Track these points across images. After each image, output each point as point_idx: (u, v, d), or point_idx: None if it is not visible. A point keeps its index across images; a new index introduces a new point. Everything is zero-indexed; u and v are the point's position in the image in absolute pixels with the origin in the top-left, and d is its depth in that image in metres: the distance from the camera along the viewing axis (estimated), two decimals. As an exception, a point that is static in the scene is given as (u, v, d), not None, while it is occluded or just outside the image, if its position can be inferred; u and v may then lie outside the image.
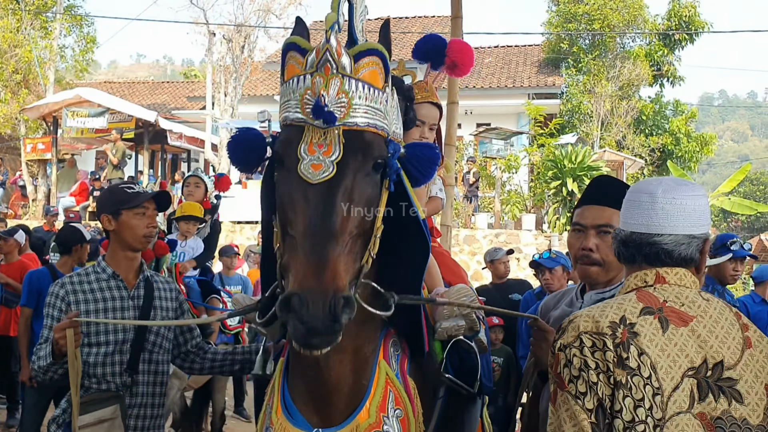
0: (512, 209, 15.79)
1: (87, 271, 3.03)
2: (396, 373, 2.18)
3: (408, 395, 2.18)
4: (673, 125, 22.58)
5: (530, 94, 21.96)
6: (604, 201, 2.38)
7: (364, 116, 1.83)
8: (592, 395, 1.61)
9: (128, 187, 3.07)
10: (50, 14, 22.05)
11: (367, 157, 1.85)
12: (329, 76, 1.81)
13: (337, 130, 1.80)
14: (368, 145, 1.85)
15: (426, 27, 26.75)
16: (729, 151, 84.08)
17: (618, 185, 2.46)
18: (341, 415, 2.08)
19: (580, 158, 14.69)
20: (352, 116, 1.82)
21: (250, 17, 22.05)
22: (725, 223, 37.62)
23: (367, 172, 1.85)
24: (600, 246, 2.34)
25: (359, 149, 1.83)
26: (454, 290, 2.49)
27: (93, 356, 2.84)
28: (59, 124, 18.25)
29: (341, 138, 1.80)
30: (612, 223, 2.32)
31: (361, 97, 1.83)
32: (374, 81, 1.86)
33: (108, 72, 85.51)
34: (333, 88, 1.80)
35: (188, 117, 23.53)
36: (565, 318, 2.34)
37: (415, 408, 2.19)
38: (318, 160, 1.78)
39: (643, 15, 23.02)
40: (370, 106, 1.85)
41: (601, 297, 2.35)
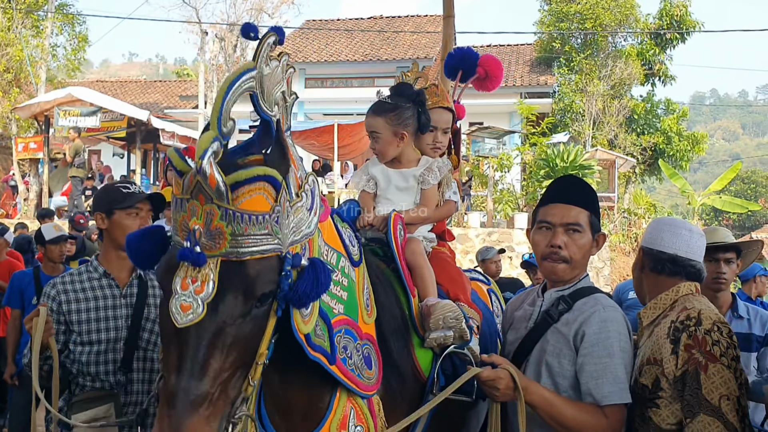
0: (504, 208, 15.82)
1: (80, 271, 3.03)
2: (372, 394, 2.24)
3: (371, 411, 2.24)
4: (665, 124, 22.68)
5: (522, 93, 22.00)
6: (571, 200, 2.42)
7: (245, 246, 1.63)
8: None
9: (124, 187, 3.05)
10: (42, 13, 21.95)
11: (248, 294, 1.66)
12: (203, 205, 1.61)
13: (213, 263, 1.62)
14: (251, 278, 1.65)
15: (418, 26, 26.78)
16: (720, 150, 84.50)
17: (583, 185, 2.53)
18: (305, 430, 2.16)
19: (572, 157, 14.75)
20: (231, 247, 1.62)
21: (242, 16, 22.07)
22: (716, 221, 37.77)
23: (249, 309, 1.67)
24: (568, 243, 2.38)
25: (238, 285, 1.64)
26: (440, 306, 2.51)
27: (86, 355, 2.85)
28: (51, 123, 18.17)
29: (216, 273, 1.61)
30: (579, 221, 2.39)
31: (241, 227, 1.62)
32: (258, 207, 1.65)
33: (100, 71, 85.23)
34: (208, 218, 1.61)
35: (181, 116, 23.50)
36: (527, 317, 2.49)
37: (377, 422, 2.24)
38: (188, 299, 1.61)
39: (635, 14, 23.13)
40: (252, 235, 1.64)
41: (560, 294, 2.42)
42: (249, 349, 1.71)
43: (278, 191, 1.69)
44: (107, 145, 23.01)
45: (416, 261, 2.68)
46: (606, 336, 2.26)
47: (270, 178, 1.67)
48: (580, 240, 2.39)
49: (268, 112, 1.76)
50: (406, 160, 2.85)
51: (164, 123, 18.97)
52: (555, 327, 2.37)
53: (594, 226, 2.42)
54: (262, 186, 1.66)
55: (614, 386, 2.22)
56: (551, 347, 2.34)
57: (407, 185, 2.83)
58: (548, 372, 2.33)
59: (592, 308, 2.32)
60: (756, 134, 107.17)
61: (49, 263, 5.76)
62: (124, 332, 2.92)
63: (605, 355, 2.24)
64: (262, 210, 1.66)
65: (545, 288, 2.53)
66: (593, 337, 2.26)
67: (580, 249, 2.39)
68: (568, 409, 2.23)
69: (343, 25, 28.24)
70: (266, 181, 1.66)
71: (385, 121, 2.75)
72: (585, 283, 2.45)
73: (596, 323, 2.28)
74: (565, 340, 2.32)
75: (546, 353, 2.35)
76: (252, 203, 1.64)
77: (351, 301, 2.19)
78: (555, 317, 2.38)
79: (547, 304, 2.45)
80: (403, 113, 2.74)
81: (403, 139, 2.77)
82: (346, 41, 25.98)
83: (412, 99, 2.78)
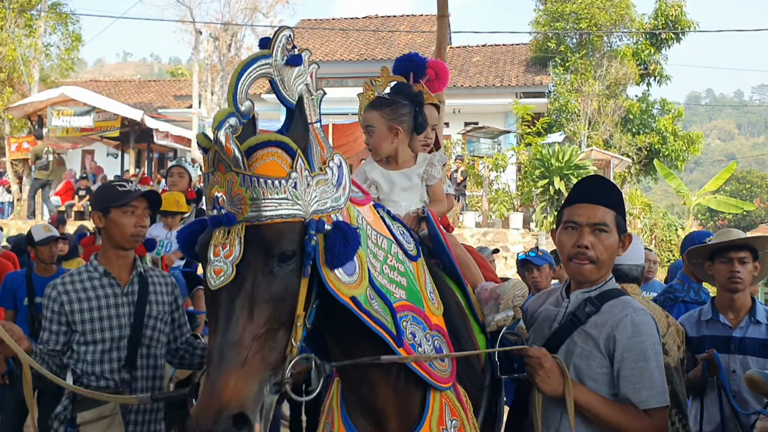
0: (500, 208, 15.82)
1: (80, 271, 3.06)
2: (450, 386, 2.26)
3: (461, 404, 2.27)
4: (660, 124, 22.69)
5: (518, 93, 21.99)
6: (597, 200, 2.40)
7: (265, 210, 1.75)
8: None
9: (120, 185, 3.07)
10: (35, 12, 21.88)
11: (270, 252, 1.77)
12: (225, 174, 1.75)
13: (239, 228, 1.75)
14: (272, 239, 1.76)
15: (413, 25, 26.77)
16: (716, 150, 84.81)
17: (609, 185, 2.50)
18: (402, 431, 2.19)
19: (567, 157, 14.74)
20: (252, 211, 1.74)
21: (236, 15, 22.03)
22: (712, 221, 37.85)
23: (271, 268, 1.77)
24: (595, 244, 2.36)
25: (261, 246, 1.76)
26: (510, 285, 2.55)
27: (90, 354, 2.90)
28: (44, 123, 18.10)
29: (242, 237, 1.74)
30: (606, 221, 2.37)
31: (258, 191, 1.74)
32: (273, 172, 1.76)
33: (94, 70, 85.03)
34: (229, 185, 1.75)
35: (175, 116, 23.44)
36: (551, 317, 2.46)
37: (468, 415, 2.28)
38: (220, 263, 1.74)
39: (630, 14, 23.13)
40: (270, 198, 1.76)
41: (587, 295, 2.40)
42: (282, 309, 1.78)
43: (293, 158, 1.79)
44: (101, 145, 22.93)
45: (458, 252, 2.72)
46: (640, 340, 2.25)
47: (282, 144, 1.77)
48: (606, 240, 2.37)
49: (290, 99, 1.86)
50: (402, 160, 2.85)
51: (158, 123, 18.94)
52: (582, 329, 2.35)
53: (620, 226, 2.41)
54: (275, 152, 1.76)
55: (651, 390, 2.22)
56: (579, 349, 2.33)
57: (411, 184, 2.83)
58: (576, 374, 2.31)
59: (622, 312, 2.31)
60: (751, 134, 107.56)
61: (40, 264, 5.72)
62: (127, 330, 2.96)
63: (640, 360, 2.23)
64: (277, 175, 1.76)
65: (569, 288, 2.51)
66: (627, 343, 2.25)
67: (607, 249, 2.38)
68: (612, 407, 2.24)
69: (338, 24, 28.21)
70: (278, 146, 1.77)
71: (380, 115, 2.77)
72: (611, 285, 2.44)
73: (629, 328, 2.27)
74: (594, 343, 2.30)
75: (573, 355, 2.33)
76: (266, 168, 1.74)
77: (412, 289, 2.22)
78: (582, 319, 2.36)
79: (574, 305, 2.42)
80: (399, 109, 2.76)
81: (397, 134, 2.77)
82: (341, 41, 25.96)
83: (410, 98, 2.80)
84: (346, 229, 1.88)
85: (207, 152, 1.79)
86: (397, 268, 2.19)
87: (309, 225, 1.81)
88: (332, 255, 1.85)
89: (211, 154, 1.77)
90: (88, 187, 16.75)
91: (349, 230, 1.88)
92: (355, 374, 2.14)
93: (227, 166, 1.73)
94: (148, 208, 3.10)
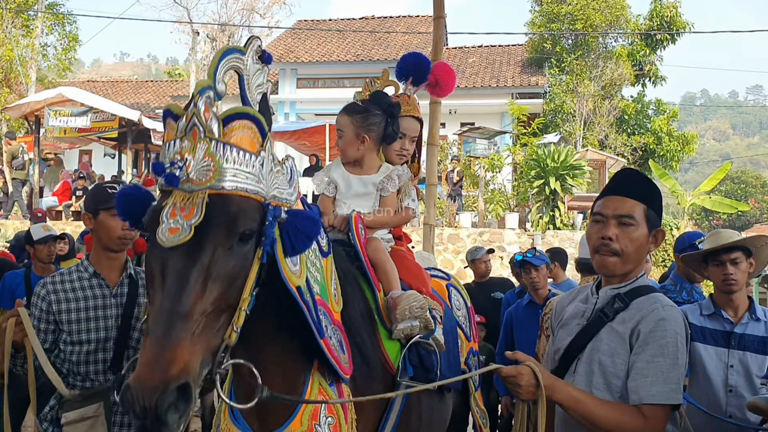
0: (496, 208, 15.87)
1: (70, 270, 3.03)
2: (330, 383, 2.26)
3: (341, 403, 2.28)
4: (655, 124, 22.76)
5: (513, 93, 22.06)
6: (627, 192, 2.35)
7: (232, 180, 1.75)
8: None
9: (110, 187, 3.04)
10: (32, 12, 21.87)
11: (232, 227, 1.75)
12: (197, 140, 1.75)
13: (202, 194, 1.72)
14: (235, 213, 1.76)
15: (410, 26, 26.82)
16: (710, 150, 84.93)
17: (641, 178, 2.45)
18: (277, 422, 2.17)
19: (562, 157, 14.78)
20: (218, 180, 1.73)
21: (234, 16, 22.05)
22: (707, 221, 37.96)
23: (231, 244, 1.76)
24: (620, 236, 2.30)
25: (223, 217, 1.74)
26: (405, 296, 2.62)
27: (76, 354, 2.87)
28: (41, 124, 18.09)
29: (204, 201, 1.71)
30: (633, 214, 2.30)
31: (229, 160, 1.75)
32: (246, 145, 1.79)
33: (91, 71, 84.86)
34: (200, 151, 1.74)
35: (172, 116, 23.38)
36: (579, 314, 2.42)
37: (347, 414, 2.28)
38: (176, 224, 1.69)
39: (626, 15, 23.19)
40: (239, 170, 1.77)
41: (616, 292, 2.35)
42: (231, 287, 1.76)
43: (264, 138, 1.84)
44: (98, 146, 22.93)
45: (378, 257, 2.78)
46: (662, 335, 2.18)
47: (257, 121, 1.82)
48: (633, 233, 2.30)
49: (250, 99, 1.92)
50: (367, 167, 2.94)
51: (155, 123, 18.89)
52: (610, 325, 2.29)
53: (651, 220, 2.33)
54: (250, 126, 1.81)
55: (664, 386, 2.14)
56: (605, 346, 2.27)
57: (366, 191, 2.92)
58: (601, 371, 2.26)
59: (650, 307, 2.25)
60: (746, 134, 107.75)
61: (39, 263, 5.75)
62: (114, 332, 2.93)
63: (658, 354, 2.17)
64: (248, 149, 1.79)
65: (599, 285, 2.45)
66: (648, 336, 2.19)
67: (633, 242, 2.30)
68: (601, 408, 2.16)
69: (335, 25, 28.23)
70: (254, 122, 1.81)
71: (350, 121, 2.86)
72: (642, 282, 2.37)
73: (653, 322, 2.20)
74: (620, 339, 2.25)
75: (600, 352, 2.27)
76: (240, 139, 1.78)
77: (323, 284, 2.24)
78: (610, 315, 2.30)
79: (602, 301, 2.36)
80: (370, 118, 2.84)
81: (363, 142, 2.86)
82: (338, 41, 25.98)
83: (383, 108, 2.87)
84: (303, 217, 1.91)
85: (177, 120, 1.80)
86: (315, 263, 2.20)
87: (268, 209, 1.83)
88: (291, 243, 1.87)
89: (184, 121, 1.77)
90: (85, 187, 16.74)
91: (306, 219, 1.91)
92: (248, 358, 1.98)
93: (201, 132, 1.74)
94: None
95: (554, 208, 14.83)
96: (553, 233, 14.39)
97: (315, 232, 1.97)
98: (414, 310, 2.57)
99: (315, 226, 1.96)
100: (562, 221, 14.84)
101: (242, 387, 2.18)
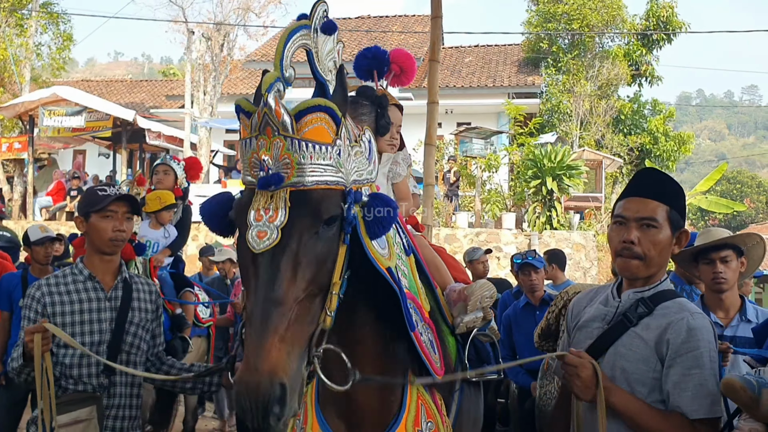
0: (492, 208, 15.84)
1: (65, 273, 3.03)
2: (426, 388, 2.25)
3: (436, 406, 2.26)
4: (652, 124, 22.78)
5: (510, 93, 22.06)
6: (648, 193, 2.28)
7: (311, 175, 1.77)
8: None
9: (101, 189, 3.05)
10: (26, 11, 21.75)
11: (315, 216, 1.78)
12: (271, 138, 1.76)
13: (283, 192, 1.75)
14: (317, 203, 1.78)
15: (406, 26, 26.79)
16: (706, 150, 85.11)
17: (663, 178, 2.38)
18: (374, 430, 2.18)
19: (559, 157, 14.77)
20: (298, 176, 1.76)
21: (229, 15, 21.96)
22: (703, 221, 38.02)
23: (315, 230, 1.78)
24: (642, 239, 2.23)
25: (307, 210, 1.77)
26: (478, 286, 2.55)
27: (69, 357, 2.86)
28: (36, 123, 18.02)
29: (287, 201, 1.74)
30: (656, 216, 2.24)
31: (306, 156, 1.76)
32: (320, 137, 1.79)
33: (85, 70, 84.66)
34: (276, 149, 1.76)
35: (167, 116, 23.36)
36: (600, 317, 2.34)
37: (444, 418, 2.26)
38: (263, 227, 1.73)
39: (622, 15, 23.21)
40: (317, 164, 1.78)
41: (640, 296, 2.28)
42: (321, 272, 1.79)
43: (338, 125, 1.83)
44: (93, 145, 22.83)
45: (427, 254, 2.71)
46: (695, 345, 2.11)
47: (330, 110, 1.81)
48: (656, 236, 2.23)
49: (323, 75, 1.92)
50: None
51: (150, 123, 18.85)
52: (633, 331, 2.22)
53: (674, 221, 2.25)
54: (323, 117, 1.80)
55: (705, 399, 2.08)
56: (629, 352, 2.20)
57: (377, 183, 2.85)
58: (624, 377, 2.19)
59: (677, 314, 2.18)
60: (742, 134, 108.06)
61: (36, 265, 5.72)
62: (107, 335, 2.92)
63: (694, 366, 2.10)
64: (324, 140, 1.79)
65: (620, 287, 2.38)
66: (681, 347, 2.12)
67: (656, 245, 2.23)
68: (656, 418, 2.11)
69: (331, 24, 28.14)
70: (326, 112, 1.80)
71: None
72: (666, 286, 2.30)
73: (684, 332, 2.13)
74: (645, 346, 2.18)
75: (623, 358, 2.21)
76: (314, 133, 1.77)
77: (411, 281, 2.24)
78: (634, 320, 2.23)
79: (625, 305, 2.29)
80: (359, 108, 2.78)
81: None
82: (334, 41, 25.89)
83: (371, 100, 2.82)
84: (385, 200, 1.93)
85: (250, 117, 1.80)
86: (401, 257, 2.20)
87: (348, 194, 1.85)
88: (372, 225, 1.90)
89: (257, 119, 1.77)
90: (79, 188, 16.67)
91: (387, 202, 1.93)
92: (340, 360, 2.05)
93: (275, 130, 1.74)
94: (129, 212, 3.05)
95: (551, 208, 14.82)
96: (550, 233, 14.38)
97: (394, 214, 1.96)
98: (484, 301, 2.50)
99: (393, 208, 1.96)
100: (559, 221, 14.84)
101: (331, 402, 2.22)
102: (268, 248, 1.71)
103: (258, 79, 1.91)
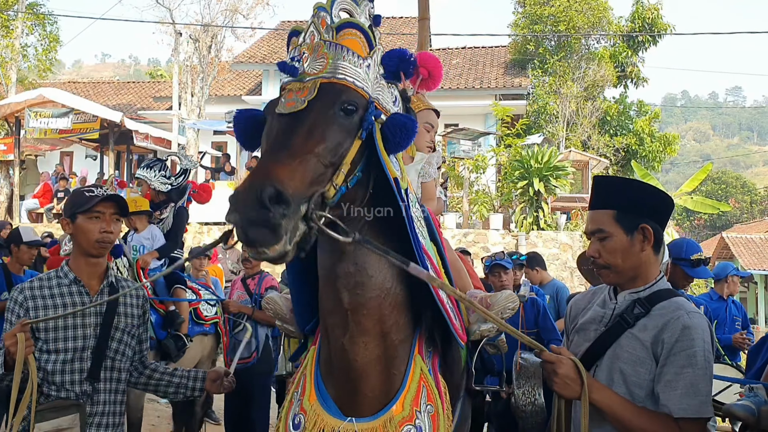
0: (480, 209, 15.91)
1: (49, 276, 2.93)
2: (429, 370, 2.22)
3: (439, 392, 2.22)
4: (637, 125, 22.95)
5: (497, 95, 22.12)
6: (596, 204, 2.33)
7: (342, 72, 1.99)
8: None
9: (88, 191, 2.96)
10: (12, 12, 21.65)
11: (336, 99, 1.95)
12: (314, 42, 2.04)
13: (314, 81, 1.97)
14: (340, 90, 1.97)
15: (394, 28, 26.81)
16: (691, 151, 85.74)
17: (609, 182, 2.41)
18: (374, 406, 2.14)
19: (546, 158, 14.87)
20: (330, 69, 1.99)
21: (217, 17, 21.93)
22: (688, 221, 38.31)
23: (336, 112, 1.94)
24: (601, 251, 2.27)
25: (332, 94, 1.95)
26: (503, 296, 2.52)
27: (51, 363, 2.76)
28: (22, 125, 17.93)
29: (317, 87, 1.95)
30: (603, 226, 2.26)
31: (339, 57, 2.00)
32: (354, 47, 2.03)
33: (72, 72, 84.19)
34: (315, 50, 2.02)
35: (154, 117, 23.30)
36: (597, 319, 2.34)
37: (444, 405, 2.22)
38: (292, 99, 1.95)
39: (608, 17, 23.38)
40: (347, 66, 2.01)
41: (636, 297, 2.27)
42: (334, 150, 1.90)
43: (371, 49, 2.09)
44: (80, 147, 22.75)
45: (451, 256, 2.67)
46: (689, 344, 2.08)
47: (366, 33, 2.08)
48: (609, 245, 2.25)
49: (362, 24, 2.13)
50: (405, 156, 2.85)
51: (138, 124, 18.81)
52: (630, 332, 2.20)
53: (625, 222, 2.24)
54: (359, 35, 2.06)
55: (694, 399, 2.05)
56: (626, 354, 2.18)
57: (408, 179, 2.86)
58: (622, 380, 2.17)
59: (673, 313, 2.15)
60: (726, 135, 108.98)
61: (15, 264, 5.76)
62: (92, 341, 2.82)
63: (687, 365, 2.07)
64: (358, 51, 2.04)
65: (616, 288, 2.36)
66: (675, 345, 2.09)
67: (613, 254, 2.25)
68: (638, 416, 2.09)
69: (319, 26, 28.11)
70: (362, 32, 2.07)
71: None
72: (662, 285, 2.28)
73: (678, 330, 2.10)
74: (642, 347, 2.16)
75: (620, 360, 2.19)
76: (351, 43, 2.04)
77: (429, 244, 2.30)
78: (631, 322, 2.21)
79: (621, 307, 2.27)
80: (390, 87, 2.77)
81: None
82: (322, 42, 25.88)
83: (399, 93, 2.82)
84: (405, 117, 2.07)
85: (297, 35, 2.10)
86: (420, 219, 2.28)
87: (370, 103, 2.01)
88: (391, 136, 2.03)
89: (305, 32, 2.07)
90: (66, 189, 16.61)
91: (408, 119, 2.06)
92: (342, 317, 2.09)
93: (317, 36, 2.04)
94: (117, 214, 2.95)
95: (538, 209, 14.91)
96: (537, 234, 14.46)
97: (414, 129, 2.06)
98: (506, 311, 2.45)
99: (414, 124, 2.07)
100: (546, 222, 14.93)
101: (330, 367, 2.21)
102: (294, 111, 1.92)
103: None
